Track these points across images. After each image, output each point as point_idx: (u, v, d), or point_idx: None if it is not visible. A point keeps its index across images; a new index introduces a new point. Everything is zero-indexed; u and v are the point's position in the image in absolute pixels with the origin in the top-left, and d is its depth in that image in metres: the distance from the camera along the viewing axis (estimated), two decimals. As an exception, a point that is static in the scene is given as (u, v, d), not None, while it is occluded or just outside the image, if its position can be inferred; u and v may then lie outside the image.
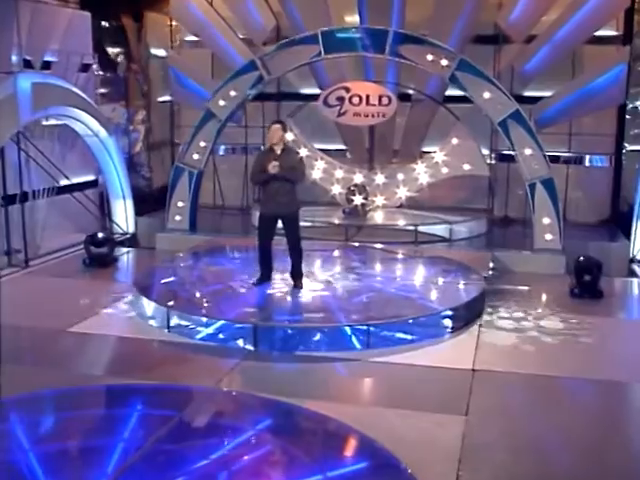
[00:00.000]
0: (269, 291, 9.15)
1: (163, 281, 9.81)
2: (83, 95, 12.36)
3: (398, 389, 6.92)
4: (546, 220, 11.80)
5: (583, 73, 13.76)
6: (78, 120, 12.38)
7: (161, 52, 16.50)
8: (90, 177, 13.89)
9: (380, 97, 12.83)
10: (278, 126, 8.93)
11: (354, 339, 8.01)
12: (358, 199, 13.43)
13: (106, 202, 13.82)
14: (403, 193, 13.86)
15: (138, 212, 14.06)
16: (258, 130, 15.48)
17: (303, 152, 14.04)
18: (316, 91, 14.38)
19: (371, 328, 7.99)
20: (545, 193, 11.75)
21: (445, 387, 7.01)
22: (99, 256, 11.46)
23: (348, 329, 8.11)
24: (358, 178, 13.90)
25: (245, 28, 14.80)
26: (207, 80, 14.87)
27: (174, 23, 16.63)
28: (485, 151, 14.25)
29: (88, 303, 9.39)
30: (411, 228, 12.52)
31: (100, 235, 11.52)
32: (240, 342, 7.93)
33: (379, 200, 13.79)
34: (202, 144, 13.08)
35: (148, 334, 8.34)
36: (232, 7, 14.71)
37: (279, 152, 8.92)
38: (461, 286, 9.57)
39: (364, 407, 6.57)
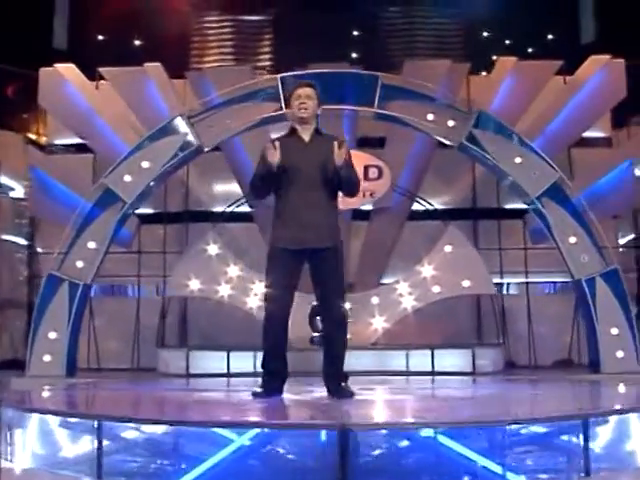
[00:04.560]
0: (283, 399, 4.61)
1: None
2: None
3: None
4: (614, 330, 8.24)
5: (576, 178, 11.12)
6: None
7: (14, 184, 12.20)
8: None
9: (366, 168, 9.21)
10: (309, 90, 4.88)
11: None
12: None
13: None
14: (380, 324, 9.81)
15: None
16: (156, 258, 11.13)
17: (233, 272, 9.86)
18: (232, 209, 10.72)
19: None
20: (609, 291, 8.29)
21: None
22: None
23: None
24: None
25: (142, 120, 10.92)
26: (87, 188, 10.58)
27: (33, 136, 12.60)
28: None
29: None
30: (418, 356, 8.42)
31: None
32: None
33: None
34: (91, 245, 8.57)
35: None
36: (125, 93, 10.94)
37: (308, 139, 4.87)
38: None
39: None
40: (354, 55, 13.51)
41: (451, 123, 8.71)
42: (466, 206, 11.43)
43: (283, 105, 8.55)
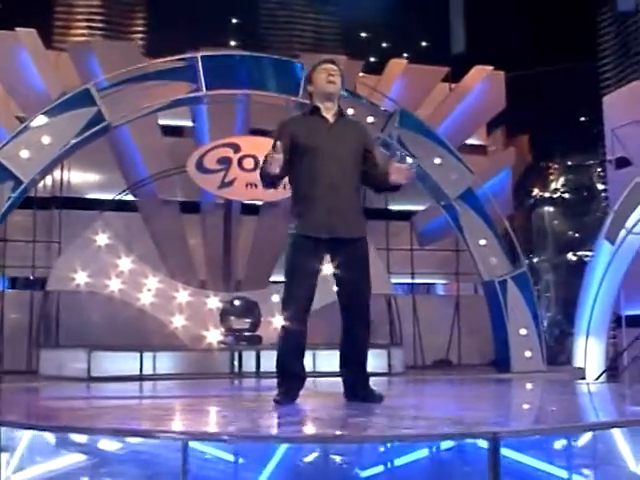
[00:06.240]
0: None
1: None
2: None
3: None
4: (523, 331, 8.54)
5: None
6: None
7: None
8: None
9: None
10: (336, 68, 4.48)
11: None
12: (244, 322, 8.63)
13: None
14: (281, 323, 9.38)
15: None
16: (24, 249, 9.90)
17: (125, 265, 9.03)
18: (112, 196, 9.96)
19: None
20: (519, 293, 8.58)
21: None
22: None
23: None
24: (213, 303, 9.24)
25: (11, 92, 9.68)
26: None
27: None
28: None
29: None
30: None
31: None
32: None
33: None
34: (-25, 230, 7.43)
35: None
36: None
37: (332, 119, 4.45)
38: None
39: None
40: (232, 43, 12.98)
41: (370, 119, 8.59)
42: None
43: (203, 86, 7.96)
